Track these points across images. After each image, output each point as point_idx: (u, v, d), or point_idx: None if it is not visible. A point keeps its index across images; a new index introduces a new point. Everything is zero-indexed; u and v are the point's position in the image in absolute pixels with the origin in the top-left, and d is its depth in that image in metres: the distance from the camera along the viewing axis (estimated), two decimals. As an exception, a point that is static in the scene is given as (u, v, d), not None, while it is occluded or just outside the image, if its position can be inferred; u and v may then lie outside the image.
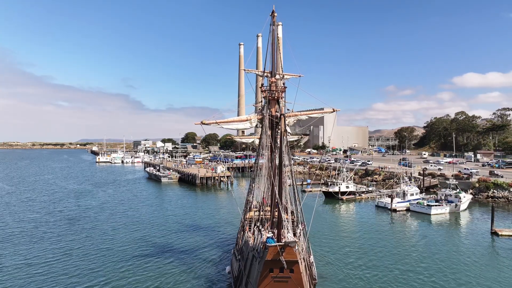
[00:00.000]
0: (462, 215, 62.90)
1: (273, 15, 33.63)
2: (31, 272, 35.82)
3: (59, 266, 37.64)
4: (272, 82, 34.63)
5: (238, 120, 35.40)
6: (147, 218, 62.16)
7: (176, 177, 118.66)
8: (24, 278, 34.30)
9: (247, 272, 26.15)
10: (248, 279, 25.43)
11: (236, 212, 68.02)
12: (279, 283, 22.80)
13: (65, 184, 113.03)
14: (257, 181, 41.51)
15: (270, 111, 34.67)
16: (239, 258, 30.68)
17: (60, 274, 35.32)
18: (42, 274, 35.30)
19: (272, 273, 22.73)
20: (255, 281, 23.49)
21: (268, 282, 22.89)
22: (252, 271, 25.01)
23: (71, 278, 34.26)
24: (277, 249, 21.88)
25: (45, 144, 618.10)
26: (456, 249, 43.55)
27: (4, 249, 43.53)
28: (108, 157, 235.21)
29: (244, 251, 29.23)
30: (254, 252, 24.86)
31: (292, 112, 38.33)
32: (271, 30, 34.06)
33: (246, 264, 27.02)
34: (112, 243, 46.17)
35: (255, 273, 23.91)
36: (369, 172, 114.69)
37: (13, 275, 35.09)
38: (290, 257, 21.96)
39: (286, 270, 22.29)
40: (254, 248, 25.39)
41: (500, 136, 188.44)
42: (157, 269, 37.13)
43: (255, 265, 24.09)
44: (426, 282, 33.25)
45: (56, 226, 54.79)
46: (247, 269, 26.53)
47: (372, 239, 48.59)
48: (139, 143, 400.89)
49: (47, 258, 40.04)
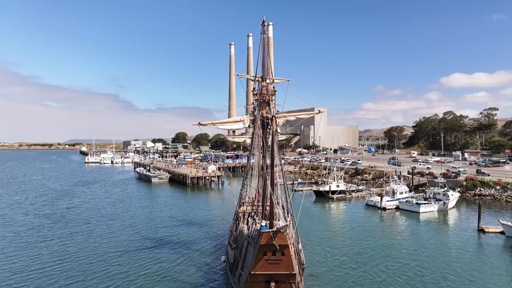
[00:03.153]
0: (450, 212, 64.03)
1: (264, 24, 35.91)
2: (30, 275, 35.44)
3: (59, 267, 37.27)
4: (263, 86, 37.16)
5: (232, 121, 37.32)
6: (140, 217, 61.98)
7: (166, 177, 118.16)
8: (24, 281, 33.98)
9: (243, 258, 28.56)
10: (244, 263, 27.97)
11: (227, 209, 70.06)
12: (272, 265, 25.57)
13: (54, 185, 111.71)
14: (249, 178, 44.87)
15: (261, 112, 36.70)
16: (234, 247, 33.06)
17: (62, 274, 35.09)
18: (40, 276, 34.93)
19: (265, 256, 25.41)
20: (250, 264, 26.09)
21: (262, 264, 25.58)
22: (247, 256, 27.47)
23: (77, 274, 34.14)
24: (270, 235, 24.50)
25: (33, 144, 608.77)
26: (444, 246, 44.40)
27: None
28: (97, 158, 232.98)
29: (239, 240, 31.68)
30: (249, 239, 27.32)
31: (281, 113, 40.34)
32: (262, 38, 36.34)
33: (242, 250, 29.47)
34: (109, 241, 46.44)
35: (250, 257, 26.44)
36: (359, 171, 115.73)
37: (12, 278, 34.70)
38: (282, 241, 24.69)
39: (278, 253, 25.23)
40: (249, 235, 27.82)
41: (486, 135, 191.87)
42: (156, 260, 39.50)
43: (250, 250, 26.58)
44: (414, 277, 33.86)
45: (50, 228, 53.95)
46: (242, 255, 28.96)
47: (361, 235, 49.68)
48: (129, 143, 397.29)
49: (44, 261, 39.54)
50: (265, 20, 36.69)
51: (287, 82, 41.32)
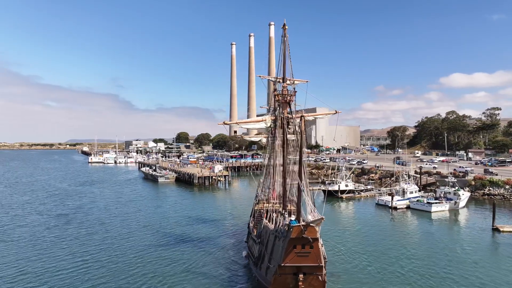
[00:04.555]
0: (461, 212, 64.38)
1: (284, 27, 36.86)
2: (56, 276, 35.71)
3: (85, 268, 37.53)
4: (284, 87, 38.36)
5: (255, 121, 38.10)
6: (154, 217, 62.44)
7: (173, 177, 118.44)
8: (51, 281, 34.31)
9: (270, 251, 29.37)
10: (271, 256, 28.83)
11: (238, 208, 71.47)
12: (301, 257, 26.44)
13: (62, 185, 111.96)
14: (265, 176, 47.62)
15: (282, 112, 37.77)
16: (258, 241, 33.76)
17: (89, 274, 35.42)
18: (68, 277, 35.21)
19: (295, 249, 26.21)
20: (279, 257, 26.91)
21: (292, 257, 26.42)
22: (275, 249, 28.35)
23: (105, 275, 34.48)
24: (300, 228, 25.34)
25: (34, 144, 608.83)
26: (459, 245, 44.64)
27: (17, 253, 43.26)
28: (100, 158, 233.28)
29: (264, 235, 32.45)
30: (277, 233, 28.12)
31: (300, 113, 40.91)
32: (283, 41, 37.28)
33: (267, 245, 30.27)
34: (128, 241, 46.79)
35: (279, 250, 27.22)
36: (365, 170, 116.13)
37: (39, 280, 34.99)
38: (312, 235, 25.59)
39: (307, 246, 26.11)
40: (277, 230, 28.46)
41: (490, 135, 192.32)
42: (179, 257, 40.42)
43: (279, 244, 27.42)
44: (432, 276, 34.13)
45: (66, 229, 53.97)
46: (269, 248, 29.72)
47: (374, 234, 50.25)
48: (130, 143, 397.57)
49: (68, 261, 39.76)
50: (285, 24, 37.43)
51: (306, 83, 42.05)
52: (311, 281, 27.31)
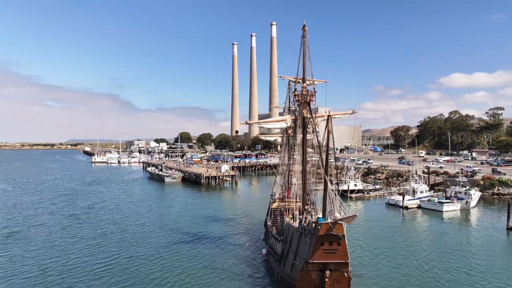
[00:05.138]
0: (472, 212, 64.63)
1: (304, 29, 37.34)
2: (74, 275, 35.99)
3: (107, 267, 37.79)
4: (304, 87, 38.74)
5: (275, 120, 38.46)
6: (168, 216, 62.80)
7: (179, 177, 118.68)
8: (75, 281, 34.56)
9: (294, 249, 29.84)
10: (297, 253, 29.29)
11: (249, 207, 72.20)
12: (328, 254, 27.02)
13: (70, 185, 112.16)
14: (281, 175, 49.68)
15: (302, 112, 38.14)
16: (281, 239, 34.15)
17: (111, 274, 35.68)
18: (86, 276, 35.50)
19: (323, 246, 26.83)
20: (307, 254, 27.45)
21: (320, 253, 27.01)
22: (300, 246, 28.93)
23: (128, 274, 34.73)
24: (329, 225, 26.00)
25: (35, 144, 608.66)
26: (475, 245, 44.79)
27: (39, 255, 43.47)
28: (104, 157, 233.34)
29: (287, 232, 32.92)
30: (303, 231, 28.70)
31: (320, 113, 41.81)
32: (302, 42, 37.62)
33: (291, 242, 30.83)
34: (145, 241, 46.98)
35: (306, 247, 27.77)
36: (371, 170, 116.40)
37: (63, 280, 35.26)
38: (339, 232, 26.33)
39: (334, 243, 26.77)
40: (303, 227, 28.87)
41: (493, 134, 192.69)
42: (199, 256, 40.97)
43: (305, 240, 28.03)
44: (449, 276, 34.41)
45: (81, 229, 54.08)
46: (293, 246, 30.26)
47: (388, 233, 50.60)
48: (132, 143, 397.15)
49: (87, 262, 40.04)
50: (305, 25, 37.79)
51: (324, 83, 42.42)
52: (337, 277, 27.86)
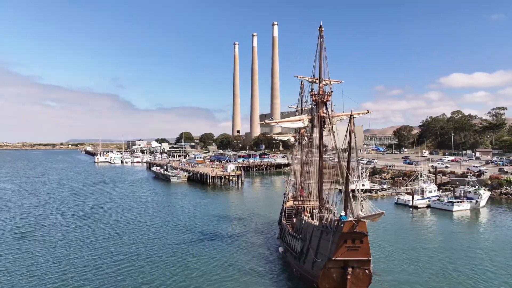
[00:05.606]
0: (482, 211, 64.87)
1: (320, 29, 37.55)
2: (93, 275, 36.21)
3: (124, 267, 38.03)
4: (320, 88, 39.07)
5: (293, 120, 39.10)
6: (180, 216, 63.05)
7: (185, 177, 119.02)
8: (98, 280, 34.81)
9: (315, 246, 30.41)
10: (318, 251, 29.93)
11: (259, 206, 72.87)
12: (351, 251, 27.51)
13: (77, 184, 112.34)
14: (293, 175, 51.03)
15: (318, 112, 38.65)
16: (300, 237, 34.38)
17: (129, 270, 35.95)
18: (107, 276, 35.70)
19: (345, 243, 27.31)
20: (329, 251, 28.00)
21: (343, 251, 27.49)
22: (322, 244, 29.55)
23: (150, 272, 34.96)
24: (352, 223, 26.57)
25: (36, 144, 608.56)
26: (490, 245, 44.88)
27: (58, 256, 43.66)
28: (107, 157, 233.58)
29: (306, 230, 33.43)
30: (324, 229, 29.35)
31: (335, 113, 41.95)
32: (319, 43, 37.76)
33: (311, 240, 31.42)
34: (161, 241, 47.10)
35: (328, 245, 28.28)
36: (377, 170, 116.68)
37: (76, 279, 35.46)
38: (363, 229, 26.74)
39: (357, 241, 27.23)
40: (324, 225, 29.50)
41: (496, 134, 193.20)
42: (217, 255, 41.28)
43: (327, 238, 28.53)
44: (468, 278, 34.74)
45: (95, 229, 54.08)
46: (313, 244, 30.86)
47: (399, 232, 50.83)
48: (133, 143, 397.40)
49: (107, 260, 40.28)
50: (322, 25, 38.02)
51: (340, 83, 42.79)
52: (359, 274, 28.35)
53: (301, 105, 53.42)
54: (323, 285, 29.21)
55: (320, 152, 40.90)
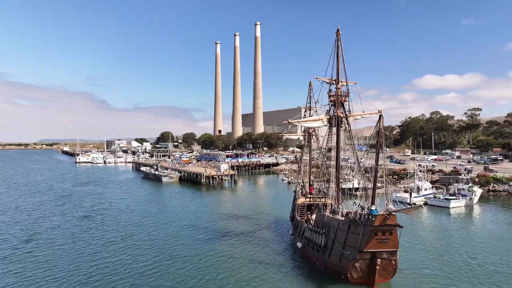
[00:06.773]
0: (476, 207, 68.06)
1: (338, 33, 39.23)
2: (113, 278, 35.97)
3: (143, 267, 37.87)
4: (338, 89, 41.07)
5: (313, 120, 41.01)
6: (184, 216, 62.72)
7: (177, 177, 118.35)
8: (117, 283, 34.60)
9: (342, 240, 32.01)
10: (346, 244, 31.51)
11: (260, 204, 74.60)
12: (381, 243, 29.56)
13: (66, 185, 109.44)
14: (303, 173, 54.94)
15: (336, 112, 40.36)
16: (323, 232, 35.67)
17: (148, 270, 35.86)
18: (125, 279, 35.55)
19: (376, 236, 29.25)
20: (359, 244, 29.69)
21: (374, 244, 29.47)
22: (349, 237, 31.16)
23: (165, 274, 34.98)
24: (384, 216, 28.46)
25: (7, 144, 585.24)
26: (493, 239, 47.40)
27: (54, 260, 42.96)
28: (88, 157, 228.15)
29: (330, 224, 34.72)
30: (352, 222, 30.89)
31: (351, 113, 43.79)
32: (336, 46, 39.44)
33: (337, 234, 32.98)
34: (171, 242, 46.61)
35: (358, 237, 29.89)
36: (366, 169, 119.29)
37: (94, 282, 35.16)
38: (393, 222, 28.87)
39: (387, 233, 29.28)
40: (352, 219, 31.01)
41: (472, 134, 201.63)
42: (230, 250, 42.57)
43: (357, 231, 30.08)
44: (480, 271, 36.76)
45: (100, 231, 53.31)
46: (339, 237, 32.48)
47: (404, 230, 52.35)
48: (112, 142, 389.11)
49: (117, 263, 40.00)
50: (339, 29, 39.60)
51: (354, 84, 44.23)
52: (386, 265, 30.51)
53: (310, 104, 55.02)
54: (352, 276, 30.95)
55: (337, 151, 42.52)
